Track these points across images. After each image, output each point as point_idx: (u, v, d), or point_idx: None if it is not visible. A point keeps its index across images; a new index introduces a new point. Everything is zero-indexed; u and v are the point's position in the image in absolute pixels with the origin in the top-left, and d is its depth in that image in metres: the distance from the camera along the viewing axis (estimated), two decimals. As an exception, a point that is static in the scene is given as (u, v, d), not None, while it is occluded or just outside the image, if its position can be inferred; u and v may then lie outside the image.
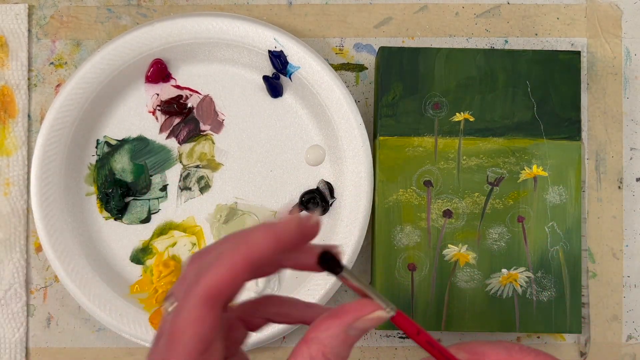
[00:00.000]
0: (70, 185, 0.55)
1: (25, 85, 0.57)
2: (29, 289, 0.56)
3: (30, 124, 0.57)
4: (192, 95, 0.56)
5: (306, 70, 0.54)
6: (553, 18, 0.58)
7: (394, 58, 0.54)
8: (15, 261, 0.56)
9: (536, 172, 0.54)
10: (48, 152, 0.53)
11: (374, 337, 0.57)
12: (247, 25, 0.54)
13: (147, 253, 0.56)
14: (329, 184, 0.56)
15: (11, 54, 0.57)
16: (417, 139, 0.54)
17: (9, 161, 0.56)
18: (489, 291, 0.53)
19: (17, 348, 0.56)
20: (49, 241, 0.53)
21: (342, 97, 0.54)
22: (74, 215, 0.55)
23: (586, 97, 0.58)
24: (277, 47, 0.54)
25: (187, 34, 0.54)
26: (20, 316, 0.56)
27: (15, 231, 0.56)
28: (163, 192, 0.56)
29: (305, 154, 0.56)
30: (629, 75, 0.58)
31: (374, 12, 0.58)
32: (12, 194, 0.56)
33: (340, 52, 0.58)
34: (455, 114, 0.54)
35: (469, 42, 0.58)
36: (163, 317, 0.32)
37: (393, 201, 0.54)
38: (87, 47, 0.57)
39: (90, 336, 0.56)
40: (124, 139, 0.56)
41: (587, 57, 0.58)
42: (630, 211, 0.57)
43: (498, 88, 0.54)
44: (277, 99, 0.56)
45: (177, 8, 0.58)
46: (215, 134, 0.56)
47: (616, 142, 0.57)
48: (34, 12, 0.57)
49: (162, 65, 0.55)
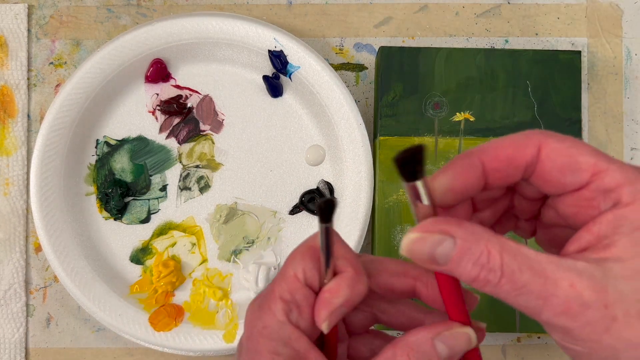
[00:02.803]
0: (70, 185, 0.55)
1: (24, 85, 0.57)
2: (29, 289, 0.56)
3: (30, 123, 0.57)
4: (191, 95, 0.56)
5: (306, 70, 0.54)
6: (553, 18, 0.58)
7: (394, 58, 0.54)
8: (15, 261, 0.56)
9: (536, 172, 0.54)
10: (48, 152, 0.53)
11: (374, 338, 0.56)
12: (247, 25, 0.54)
13: (147, 253, 0.56)
14: (329, 184, 0.56)
15: (11, 53, 0.57)
16: (417, 139, 0.54)
17: (9, 161, 0.56)
18: (490, 291, 0.53)
19: (17, 348, 0.56)
20: (49, 241, 0.53)
21: (342, 97, 0.54)
22: (74, 215, 0.55)
23: (587, 97, 0.57)
24: (277, 47, 0.54)
25: (187, 34, 0.54)
26: (19, 316, 0.56)
27: (15, 231, 0.56)
28: (163, 192, 0.56)
29: (305, 154, 0.56)
30: (630, 75, 0.58)
31: (374, 11, 0.58)
32: (11, 194, 0.56)
33: (340, 52, 0.58)
34: (456, 114, 0.54)
35: (469, 41, 0.58)
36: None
37: (393, 201, 0.53)
38: (86, 47, 0.57)
39: (89, 336, 0.56)
40: (124, 139, 0.56)
41: (588, 57, 0.58)
42: (630, 211, 0.57)
43: (498, 88, 0.54)
44: (277, 98, 0.56)
45: (177, 8, 0.58)
46: (215, 133, 0.56)
47: (617, 142, 0.57)
48: (34, 11, 0.57)
49: (162, 65, 0.55)
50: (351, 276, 0.31)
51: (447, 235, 0.28)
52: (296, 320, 0.31)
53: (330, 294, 0.30)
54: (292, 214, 0.56)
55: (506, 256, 0.27)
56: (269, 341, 0.30)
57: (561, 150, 0.28)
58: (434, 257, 0.28)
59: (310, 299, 0.31)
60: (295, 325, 0.31)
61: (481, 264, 0.27)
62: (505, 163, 0.29)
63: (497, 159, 0.29)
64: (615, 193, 0.28)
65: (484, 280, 0.28)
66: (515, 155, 0.29)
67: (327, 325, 0.30)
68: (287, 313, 0.30)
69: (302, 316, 0.31)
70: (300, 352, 0.30)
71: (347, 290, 0.30)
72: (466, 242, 0.28)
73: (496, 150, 0.30)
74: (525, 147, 0.29)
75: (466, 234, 0.28)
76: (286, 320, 0.30)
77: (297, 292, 0.31)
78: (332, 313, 0.30)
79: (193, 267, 0.56)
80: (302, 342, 0.30)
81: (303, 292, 0.31)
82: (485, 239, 0.28)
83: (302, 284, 0.31)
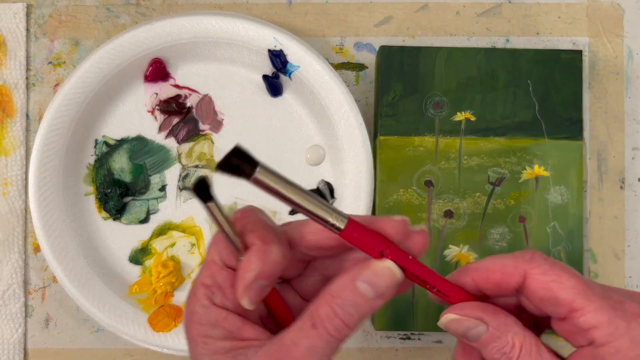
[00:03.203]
0: (69, 185, 0.55)
1: (23, 85, 0.57)
2: (27, 290, 0.56)
3: (29, 123, 0.57)
4: (191, 94, 0.56)
5: (306, 69, 0.54)
6: (554, 17, 0.58)
7: (395, 57, 0.54)
8: (14, 261, 0.56)
9: (538, 172, 0.54)
10: (46, 151, 0.53)
11: (374, 338, 0.56)
12: (246, 24, 0.54)
13: (146, 253, 0.56)
14: (329, 184, 0.55)
15: (9, 53, 0.57)
16: (417, 138, 0.54)
17: (7, 161, 0.56)
18: (490, 292, 0.53)
19: (16, 349, 0.55)
20: (48, 241, 0.53)
21: (342, 96, 0.53)
22: (73, 215, 0.55)
23: (588, 97, 0.57)
24: (277, 46, 0.54)
25: (186, 33, 0.54)
26: (18, 317, 0.56)
27: (14, 231, 0.56)
28: (162, 192, 0.56)
29: (305, 154, 0.56)
30: (631, 75, 0.58)
31: (374, 11, 0.57)
32: (10, 194, 0.56)
33: (341, 51, 0.57)
34: (456, 114, 0.54)
35: (470, 41, 0.57)
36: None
37: (393, 201, 0.53)
38: (85, 46, 0.57)
39: (88, 337, 0.56)
40: (123, 139, 0.56)
41: (589, 57, 0.58)
42: (632, 211, 0.57)
43: (499, 87, 0.54)
44: (277, 98, 0.56)
45: (176, 7, 0.57)
46: (214, 133, 0.56)
47: (618, 141, 0.57)
48: (33, 11, 0.57)
49: (161, 65, 0.55)
50: (258, 248, 0.30)
51: (481, 322, 0.31)
52: (221, 301, 0.31)
53: (242, 270, 0.30)
54: (292, 214, 0.56)
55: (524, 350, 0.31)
56: (199, 326, 0.31)
57: (543, 284, 0.30)
58: (466, 335, 0.32)
59: (233, 280, 0.31)
60: (222, 306, 0.31)
61: (504, 352, 0.31)
62: (495, 286, 0.32)
63: (487, 282, 0.32)
64: (589, 334, 0.29)
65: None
66: (503, 281, 0.31)
67: (247, 300, 0.30)
68: (209, 297, 0.31)
69: (227, 297, 0.31)
70: (232, 330, 0.31)
71: (258, 263, 0.30)
72: (497, 330, 0.31)
73: (487, 273, 0.32)
74: (511, 275, 0.31)
75: (498, 324, 0.31)
76: (209, 303, 0.31)
77: (217, 275, 0.31)
78: (247, 288, 0.30)
79: (192, 267, 0.56)
80: (231, 321, 0.31)
81: (223, 275, 0.31)
82: (514, 332, 0.31)
83: (220, 266, 0.31)
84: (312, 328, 0.29)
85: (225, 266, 0.32)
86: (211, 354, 0.31)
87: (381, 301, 0.30)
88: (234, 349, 0.30)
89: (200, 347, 0.31)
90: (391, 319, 0.53)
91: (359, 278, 0.30)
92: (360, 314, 0.30)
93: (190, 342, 0.32)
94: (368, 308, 0.30)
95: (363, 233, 0.31)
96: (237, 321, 0.31)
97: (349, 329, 0.30)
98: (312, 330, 0.29)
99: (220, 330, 0.31)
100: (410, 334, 0.56)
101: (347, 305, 0.30)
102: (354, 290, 0.30)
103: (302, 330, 0.30)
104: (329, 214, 0.30)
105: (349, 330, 0.30)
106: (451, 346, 0.56)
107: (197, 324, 0.31)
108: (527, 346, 0.31)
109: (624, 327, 0.29)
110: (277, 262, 0.31)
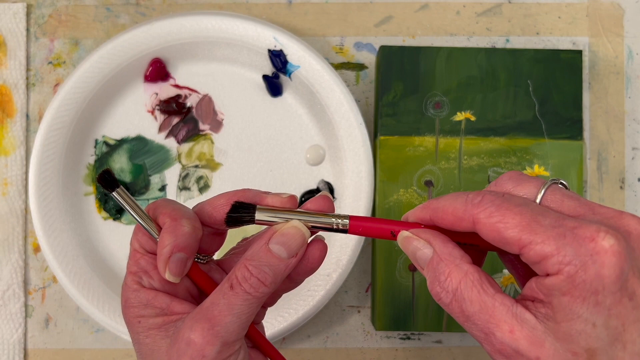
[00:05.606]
0: (69, 185, 0.55)
1: (23, 85, 0.57)
2: (27, 290, 0.56)
3: (29, 123, 0.57)
4: (191, 94, 0.56)
5: (306, 69, 0.54)
6: (554, 17, 0.58)
7: (395, 57, 0.54)
8: (14, 262, 0.56)
9: (538, 171, 0.54)
10: (46, 151, 0.53)
11: (374, 338, 0.56)
12: (246, 24, 0.54)
13: (146, 253, 0.55)
14: (329, 184, 0.55)
15: (9, 53, 0.57)
16: (417, 138, 0.54)
17: (7, 161, 0.56)
18: (490, 292, 0.53)
19: (16, 349, 0.55)
20: (48, 241, 0.53)
21: (342, 96, 0.53)
22: (73, 215, 0.54)
23: (588, 97, 0.57)
24: (277, 46, 0.54)
25: (186, 33, 0.54)
26: (18, 317, 0.56)
27: (14, 231, 0.56)
28: (162, 192, 0.56)
29: (305, 153, 0.56)
30: (631, 75, 0.58)
31: (374, 10, 0.57)
32: (10, 194, 0.56)
33: (341, 51, 0.57)
34: (457, 114, 0.54)
35: (470, 41, 0.57)
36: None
37: (394, 201, 0.53)
38: (85, 46, 0.57)
39: (88, 337, 0.56)
40: (123, 139, 0.56)
41: (589, 56, 0.57)
42: (632, 211, 0.57)
43: (499, 87, 0.54)
44: (277, 98, 0.56)
45: (176, 7, 0.57)
46: (214, 133, 0.56)
47: (618, 141, 0.57)
48: (33, 11, 0.57)
49: (161, 65, 0.55)
50: (169, 225, 0.33)
51: (428, 244, 0.32)
52: (149, 283, 0.34)
53: (159, 247, 0.33)
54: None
55: (464, 284, 0.30)
56: (133, 309, 0.34)
57: (490, 227, 0.30)
58: (415, 257, 0.32)
59: (155, 263, 0.34)
60: (150, 287, 0.34)
61: (439, 282, 0.31)
62: (449, 227, 0.32)
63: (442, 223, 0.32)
64: (542, 266, 0.29)
65: (438, 296, 0.31)
66: (455, 225, 0.31)
67: (169, 273, 0.33)
68: (137, 282, 0.34)
69: (153, 278, 0.34)
70: (162, 307, 0.34)
71: (171, 237, 0.33)
72: (438, 258, 0.31)
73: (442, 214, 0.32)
74: (461, 219, 0.31)
75: (442, 252, 0.31)
76: (139, 287, 0.34)
77: (141, 260, 0.34)
78: (166, 262, 0.33)
79: (192, 267, 0.56)
80: (160, 299, 0.34)
81: (146, 259, 0.34)
82: (455, 264, 0.31)
83: (143, 253, 0.34)
84: (229, 289, 0.32)
85: (146, 252, 0.35)
86: (146, 330, 0.33)
87: (295, 259, 0.33)
88: (165, 324, 0.33)
89: (136, 327, 0.34)
90: (391, 319, 0.53)
91: (271, 241, 0.33)
92: (275, 273, 0.33)
93: (128, 325, 0.34)
94: (283, 267, 0.33)
95: (366, 224, 0.34)
96: (165, 299, 0.34)
97: (264, 287, 0.32)
98: (230, 290, 0.32)
99: (152, 308, 0.34)
100: (410, 334, 0.56)
101: (262, 265, 0.32)
102: (267, 253, 0.33)
103: (220, 292, 0.33)
104: (331, 220, 0.34)
105: (265, 288, 0.32)
106: (451, 346, 0.56)
107: (130, 307, 0.34)
108: (469, 281, 0.30)
109: (572, 252, 0.27)
110: (189, 234, 0.33)
